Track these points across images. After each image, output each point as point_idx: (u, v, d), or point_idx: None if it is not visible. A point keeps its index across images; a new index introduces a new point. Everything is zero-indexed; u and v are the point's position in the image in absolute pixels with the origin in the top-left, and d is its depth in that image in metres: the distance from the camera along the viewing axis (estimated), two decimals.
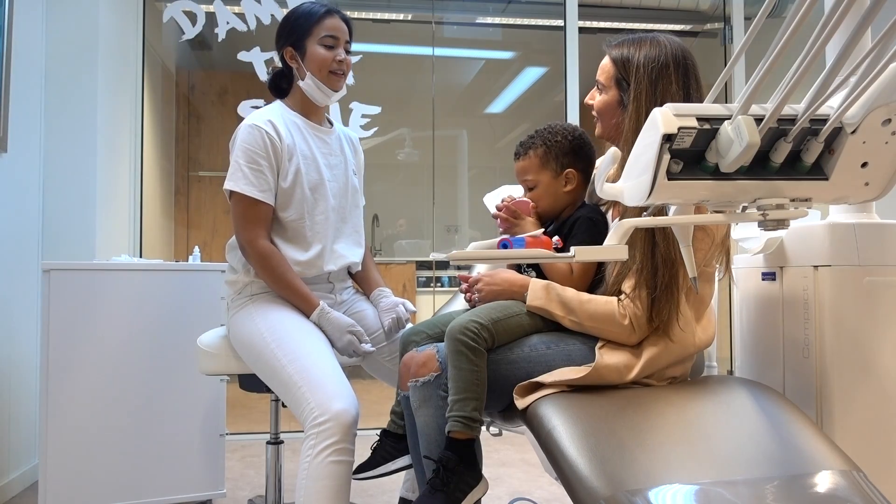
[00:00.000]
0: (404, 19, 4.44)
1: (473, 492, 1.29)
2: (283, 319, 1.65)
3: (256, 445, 3.23)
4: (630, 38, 1.42)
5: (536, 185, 1.53)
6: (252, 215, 1.67)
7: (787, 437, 1.14)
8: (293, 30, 1.75)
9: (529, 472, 2.70)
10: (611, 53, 1.43)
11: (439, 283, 5.02)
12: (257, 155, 1.66)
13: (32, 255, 2.69)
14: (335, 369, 1.57)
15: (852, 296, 1.37)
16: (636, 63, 1.36)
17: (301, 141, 1.75)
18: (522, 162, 1.54)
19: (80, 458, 2.07)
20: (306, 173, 1.72)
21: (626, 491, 1.01)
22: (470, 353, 1.29)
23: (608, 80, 1.43)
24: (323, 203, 1.75)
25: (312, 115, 1.82)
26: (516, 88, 5.70)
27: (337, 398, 1.49)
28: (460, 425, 1.27)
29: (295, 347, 1.59)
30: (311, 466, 1.46)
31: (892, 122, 0.90)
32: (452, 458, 1.27)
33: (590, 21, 3.94)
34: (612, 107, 1.43)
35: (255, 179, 1.65)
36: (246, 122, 1.71)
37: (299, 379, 1.53)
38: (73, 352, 2.08)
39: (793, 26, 0.75)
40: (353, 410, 1.49)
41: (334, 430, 1.46)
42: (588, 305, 1.35)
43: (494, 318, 1.36)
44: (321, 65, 1.73)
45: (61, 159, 2.82)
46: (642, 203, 0.91)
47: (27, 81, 2.67)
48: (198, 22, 3.11)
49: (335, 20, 1.74)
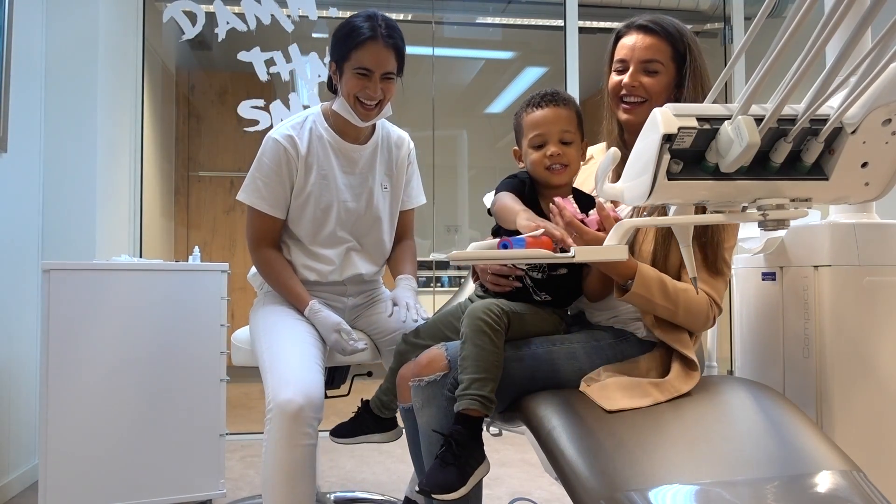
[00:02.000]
0: (404, 19, 4.44)
1: (479, 469, 1.28)
2: (278, 314, 1.73)
3: (256, 445, 3.22)
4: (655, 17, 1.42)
5: (573, 142, 1.40)
6: (259, 225, 1.76)
7: (787, 438, 1.14)
8: (336, 46, 1.67)
9: (529, 472, 2.69)
10: (659, 30, 1.39)
11: (439, 283, 5.02)
12: (272, 170, 1.72)
13: (32, 255, 2.69)
14: (303, 361, 1.57)
15: (852, 296, 1.37)
16: (689, 36, 1.38)
17: (324, 158, 1.75)
18: (566, 110, 1.39)
19: (80, 458, 2.07)
20: (319, 195, 1.75)
21: (626, 491, 1.01)
22: (493, 334, 1.29)
23: (667, 58, 1.39)
24: (332, 223, 1.77)
25: (349, 128, 1.77)
26: (516, 88, 5.69)
27: (286, 387, 1.49)
28: (478, 404, 1.25)
29: (276, 338, 1.65)
30: (266, 451, 1.50)
31: (892, 122, 0.90)
32: (464, 433, 1.26)
33: (590, 21, 3.94)
34: (669, 88, 1.40)
35: (267, 193, 1.73)
36: (271, 133, 1.75)
37: (269, 366, 1.59)
38: (73, 352, 2.08)
39: (793, 26, 0.75)
40: (298, 400, 1.47)
41: (279, 418, 1.47)
42: (686, 294, 1.31)
43: (514, 309, 1.35)
44: (349, 92, 1.67)
45: (61, 159, 2.82)
46: (642, 203, 0.91)
47: (27, 81, 2.67)
48: (198, 22, 3.11)
49: (376, 48, 1.62)
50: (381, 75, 1.65)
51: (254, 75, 3.14)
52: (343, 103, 1.70)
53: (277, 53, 3.12)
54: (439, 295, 4.79)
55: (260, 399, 1.85)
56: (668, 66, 1.38)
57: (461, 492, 1.22)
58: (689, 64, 1.37)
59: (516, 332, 1.36)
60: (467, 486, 1.23)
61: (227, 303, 2.28)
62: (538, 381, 1.34)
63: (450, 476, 1.23)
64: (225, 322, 2.26)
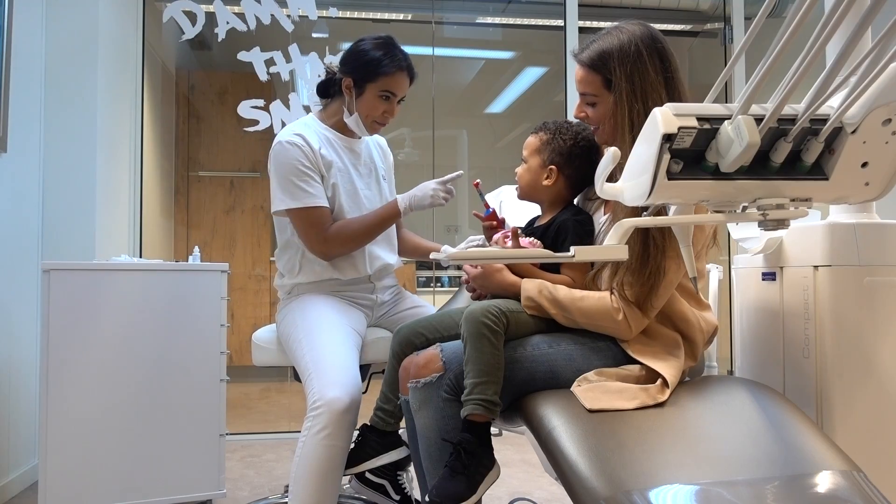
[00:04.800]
0: (404, 19, 4.44)
1: (489, 475, 1.28)
2: (318, 315, 1.76)
3: (256, 445, 3.23)
4: (595, 37, 1.40)
5: (526, 162, 1.56)
6: (316, 222, 1.76)
7: (787, 438, 1.14)
8: (360, 68, 1.77)
9: (529, 472, 2.70)
10: (585, 61, 1.39)
11: (439, 283, 5.02)
12: (303, 165, 1.74)
13: (32, 255, 2.69)
14: (346, 360, 1.65)
15: (852, 296, 1.37)
16: (615, 58, 1.34)
17: (334, 154, 1.83)
18: (531, 137, 1.56)
19: (80, 458, 2.07)
20: (343, 185, 1.82)
21: (626, 491, 1.01)
22: (492, 335, 1.29)
23: (597, 88, 1.40)
24: (357, 211, 1.84)
25: (347, 129, 1.87)
26: (516, 88, 5.70)
27: (333, 386, 1.57)
28: (481, 408, 1.26)
29: (317, 338, 1.69)
30: (305, 446, 1.57)
31: (892, 122, 0.90)
32: (472, 440, 1.27)
33: (590, 21, 3.94)
34: (614, 112, 1.39)
35: (309, 188, 1.75)
36: (279, 139, 1.78)
37: (312, 366, 1.63)
38: (73, 352, 2.08)
39: (793, 26, 0.75)
40: (346, 399, 1.55)
41: (325, 415, 1.55)
42: (581, 303, 1.36)
43: (511, 309, 1.36)
44: (369, 113, 1.80)
45: (61, 159, 2.82)
46: (642, 203, 0.91)
47: (27, 81, 2.67)
48: (198, 22, 3.11)
49: (402, 78, 1.78)
50: (398, 98, 1.81)
51: (254, 75, 3.14)
52: (357, 119, 1.81)
53: (277, 53, 3.12)
54: (439, 295, 4.79)
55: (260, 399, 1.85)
56: (603, 95, 1.39)
57: (471, 501, 1.23)
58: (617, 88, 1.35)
59: (515, 332, 1.36)
60: (477, 494, 1.25)
61: (227, 303, 2.28)
62: (537, 382, 1.34)
63: (459, 486, 1.23)
64: (225, 322, 2.26)
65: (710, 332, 1.43)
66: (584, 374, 1.31)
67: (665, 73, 1.34)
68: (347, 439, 1.57)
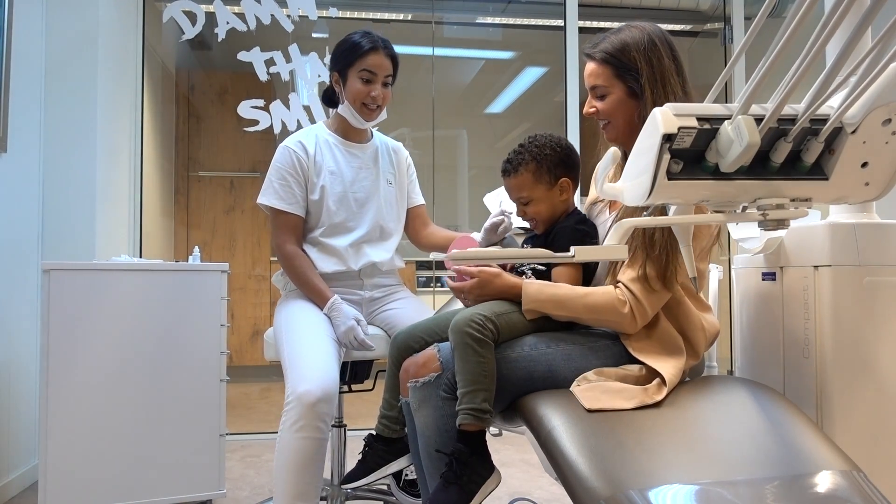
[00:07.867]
0: (404, 19, 4.44)
1: (487, 483, 1.29)
2: (300, 311, 1.84)
3: (256, 445, 3.23)
4: (607, 34, 1.44)
5: (532, 200, 1.54)
6: (281, 223, 1.90)
7: (787, 438, 1.14)
8: (340, 58, 1.90)
9: (529, 472, 2.70)
10: (596, 55, 1.43)
11: (439, 283, 5.02)
12: (286, 172, 1.89)
13: (32, 255, 2.69)
14: (320, 354, 1.69)
15: (852, 296, 1.37)
16: (639, 48, 1.38)
17: (330, 158, 1.94)
18: (515, 179, 1.54)
19: (80, 458, 2.07)
20: (331, 188, 1.91)
21: (626, 491, 1.01)
22: (476, 344, 1.30)
23: (608, 79, 1.42)
24: (345, 213, 1.93)
25: (352, 132, 1.98)
26: (516, 88, 5.70)
27: (304, 380, 1.62)
28: (471, 417, 1.27)
29: (297, 334, 1.76)
30: (280, 440, 1.62)
31: (892, 122, 0.90)
32: (465, 450, 1.27)
33: (590, 21, 3.94)
34: (624, 102, 1.42)
35: (284, 193, 1.89)
36: (282, 143, 1.94)
37: (289, 362, 1.70)
38: (73, 352, 2.08)
39: (793, 26, 0.75)
40: (316, 392, 1.59)
41: (297, 409, 1.60)
42: (586, 299, 1.36)
43: (498, 312, 1.36)
44: (355, 96, 1.89)
45: (61, 159, 2.82)
46: (642, 203, 0.91)
47: (27, 81, 2.67)
48: (198, 22, 3.11)
49: (378, 57, 1.87)
50: (381, 79, 1.88)
51: (254, 75, 3.14)
52: (348, 107, 1.91)
53: (277, 53, 3.12)
54: (439, 295, 4.79)
55: (260, 399, 1.85)
56: (614, 85, 1.42)
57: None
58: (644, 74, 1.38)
59: (508, 333, 1.37)
60: (473, 502, 1.25)
61: (227, 303, 2.28)
62: (536, 382, 1.34)
63: (452, 496, 1.24)
64: (225, 322, 2.26)
65: (712, 333, 1.43)
66: (584, 374, 1.31)
67: (676, 62, 1.39)
68: (322, 431, 1.61)
